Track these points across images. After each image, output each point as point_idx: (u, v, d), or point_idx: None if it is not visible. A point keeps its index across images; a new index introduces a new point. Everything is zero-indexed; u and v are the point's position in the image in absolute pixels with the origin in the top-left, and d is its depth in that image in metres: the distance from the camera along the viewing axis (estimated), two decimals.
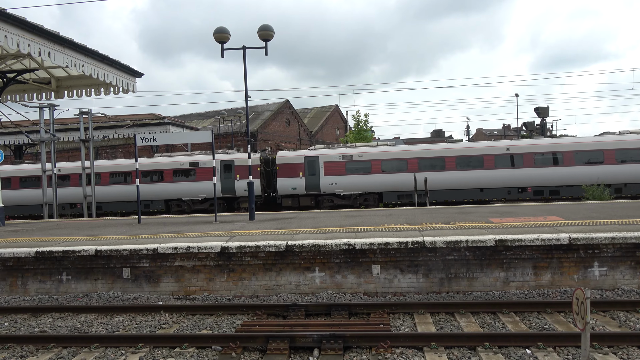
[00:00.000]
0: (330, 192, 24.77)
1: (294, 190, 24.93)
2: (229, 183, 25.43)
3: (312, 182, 24.81)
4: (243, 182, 24.90)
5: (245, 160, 25.24)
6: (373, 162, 24.39)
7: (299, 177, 24.87)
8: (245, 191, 24.90)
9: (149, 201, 25.84)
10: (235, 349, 6.12)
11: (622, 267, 8.47)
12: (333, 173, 24.63)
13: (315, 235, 9.66)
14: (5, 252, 9.68)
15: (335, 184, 24.61)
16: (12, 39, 11.90)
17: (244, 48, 14.14)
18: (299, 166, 25.00)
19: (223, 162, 25.56)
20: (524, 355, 5.75)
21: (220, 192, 25.22)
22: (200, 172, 25.60)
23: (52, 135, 23.46)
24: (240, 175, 25.23)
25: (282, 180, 25.11)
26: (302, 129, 53.83)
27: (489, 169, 23.56)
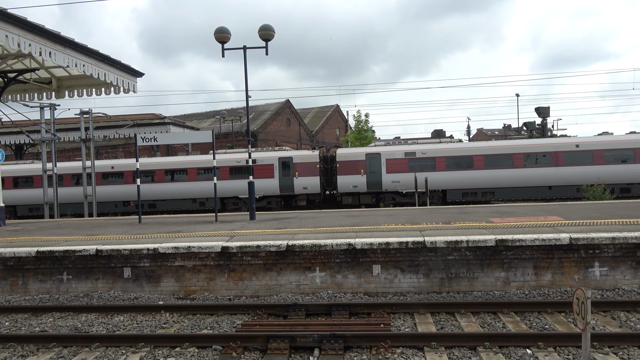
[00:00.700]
0: (393, 190, 24.37)
1: (355, 188, 24.51)
2: (288, 180, 25.09)
3: (373, 180, 24.34)
4: (302, 179, 24.88)
5: (305, 157, 25.29)
6: (437, 159, 23.95)
7: (360, 175, 24.43)
8: (304, 189, 24.85)
9: (205, 199, 25.49)
10: (235, 348, 6.12)
11: (623, 267, 8.47)
12: (395, 170, 24.18)
13: (316, 235, 9.66)
14: (6, 251, 9.68)
15: (398, 182, 24.16)
16: (13, 38, 11.91)
17: (245, 48, 14.15)
18: (360, 163, 24.51)
19: (281, 159, 25.22)
20: (525, 355, 5.75)
21: (278, 190, 25.03)
22: (258, 169, 24.98)
23: (53, 135, 23.48)
24: (299, 173, 24.97)
25: (342, 178, 24.69)
26: (303, 128, 53.85)
27: (558, 166, 23.08)
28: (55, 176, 23.27)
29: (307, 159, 25.25)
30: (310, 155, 25.62)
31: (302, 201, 25.17)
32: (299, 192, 25.10)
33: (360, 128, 39.10)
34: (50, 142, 23.70)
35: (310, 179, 24.92)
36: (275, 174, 25.08)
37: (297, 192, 25.12)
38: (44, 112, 23.15)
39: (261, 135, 44.69)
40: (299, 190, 25.06)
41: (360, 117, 39.12)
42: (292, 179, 25.05)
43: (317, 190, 24.90)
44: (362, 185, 24.43)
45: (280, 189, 25.09)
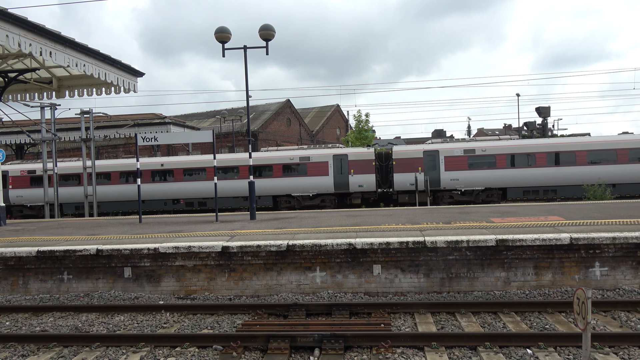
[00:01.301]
0: (451, 188, 23.98)
1: (412, 186, 24.02)
2: (343, 178, 24.62)
3: (431, 178, 23.83)
4: (358, 177, 24.43)
5: (360, 154, 24.83)
6: (498, 156, 23.56)
7: (417, 173, 23.95)
8: (359, 186, 24.42)
9: (257, 197, 24.79)
10: (236, 348, 6.12)
11: (623, 267, 8.46)
12: (454, 168, 23.74)
13: (316, 235, 9.67)
14: (6, 251, 9.69)
15: (457, 180, 23.75)
16: (14, 38, 11.92)
17: (245, 48, 14.15)
18: (417, 161, 24.09)
19: (336, 156, 24.78)
20: (525, 355, 5.75)
21: (333, 188, 24.61)
22: (312, 166, 24.80)
23: (54, 134, 23.49)
24: (354, 170, 24.46)
25: (399, 176, 24.19)
26: (303, 128, 53.87)
27: (622, 164, 22.62)
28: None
29: (363, 156, 24.75)
30: (366, 152, 25.11)
31: (356, 199, 24.72)
32: (354, 190, 24.59)
33: (361, 128, 39.11)
34: (50, 141, 23.72)
35: (365, 177, 24.47)
36: (329, 171, 24.65)
37: (352, 190, 24.62)
38: (44, 112, 23.16)
39: (262, 135, 44.71)
40: (354, 188, 24.57)
41: (361, 116, 39.14)
42: (347, 177, 24.53)
43: (373, 188, 24.47)
44: (419, 183, 23.91)
45: (335, 187, 24.62)
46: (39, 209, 26.15)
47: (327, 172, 24.70)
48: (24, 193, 26.42)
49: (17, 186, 26.45)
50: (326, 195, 24.94)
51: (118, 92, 17.30)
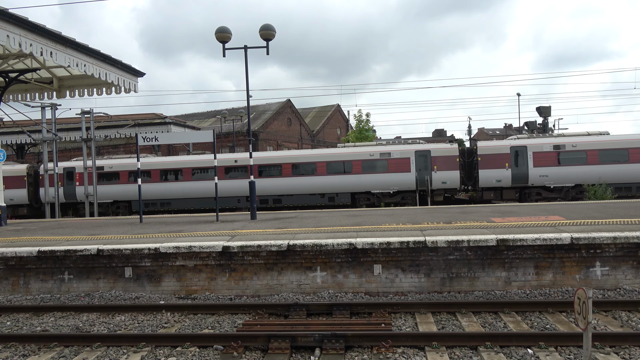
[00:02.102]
0: (540, 185, 23.35)
1: (498, 183, 23.46)
2: (425, 175, 23.98)
3: (519, 174, 23.27)
4: (441, 173, 23.86)
5: (444, 150, 24.24)
6: (589, 152, 22.97)
7: (504, 169, 23.29)
8: (443, 183, 23.94)
9: (334, 194, 24.58)
10: (236, 348, 6.12)
11: (624, 266, 8.46)
12: (543, 164, 23.08)
13: (317, 235, 9.66)
14: (7, 251, 9.70)
15: (546, 176, 23.13)
16: (14, 38, 11.93)
17: (246, 48, 14.15)
18: (504, 157, 23.41)
19: (418, 152, 24.16)
20: (526, 355, 5.74)
21: (414, 185, 24.00)
22: (393, 163, 24.15)
23: (54, 134, 23.52)
24: (437, 167, 23.89)
25: (484, 172, 23.54)
26: (304, 128, 53.85)
27: None
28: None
29: (447, 152, 24.15)
30: (450, 148, 24.56)
31: (438, 196, 24.18)
32: (436, 187, 23.95)
33: (361, 128, 39.12)
34: (51, 141, 23.73)
35: (449, 173, 23.83)
36: (411, 168, 24.00)
37: (435, 187, 23.98)
38: (45, 112, 23.20)
39: (262, 135, 44.70)
40: (437, 185, 23.93)
41: (361, 116, 39.14)
42: (430, 173, 23.87)
43: (457, 185, 23.95)
44: (506, 180, 23.32)
45: (417, 184, 23.97)
46: (106, 206, 25.89)
47: (409, 169, 24.05)
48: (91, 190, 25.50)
49: (10, 187, 25.84)
50: (407, 193, 24.32)
51: (118, 92, 17.32)
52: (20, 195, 26.61)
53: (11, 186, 25.46)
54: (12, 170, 26.20)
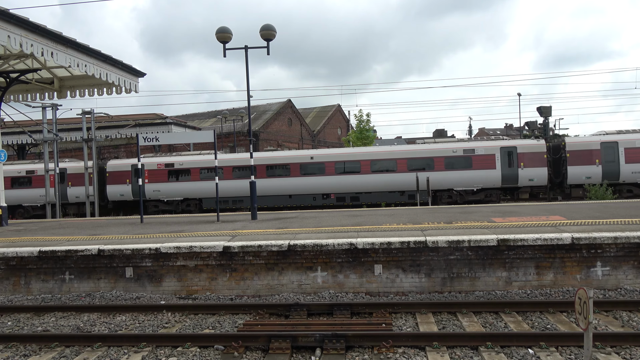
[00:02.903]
0: (632, 182, 22.83)
1: (588, 180, 22.85)
2: (511, 171, 23.41)
3: (610, 170, 22.75)
4: (528, 170, 23.29)
5: (531, 147, 23.68)
6: None
7: (594, 165, 22.78)
8: (530, 180, 23.47)
9: (415, 191, 23.81)
10: (237, 348, 6.12)
11: (625, 266, 8.45)
12: (636, 160, 22.50)
13: (318, 235, 9.66)
14: (8, 251, 9.71)
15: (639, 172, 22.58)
16: (15, 39, 11.95)
17: (246, 48, 14.15)
18: (594, 153, 22.91)
19: (504, 148, 23.57)
20: (527, 355, 5.74)
21: (500, 182, 23.45)
22: (477, 159, 23.58)
23: (55, 135, 23.53)
24: (524, 164, 23.29)
25: (573, 169, 23.02)
26: (304, 128, 53.86)
27: None
28: None
29: (534, 148, 23.54)
30: (537, 144, 23.94)
31: (524, 194, 23.65)
32: (523, 184, 23.44)
33: (362, 128, 39.10)
34: (52, 142, 23.76)
35: (536, 170, 23.24)
36: (496, 164, 23.40)
37: (521, 184, 23.45)
38: (46, 112, 23.23)
39: (263, 135, 44.72)
40: (523, 182, 23.38)
41: (362, 116, 39.11)
42: (517, 170, 23.27)
43: (544, 182, 23.32)
44: (596, 177, 22.74)
45: (503, 181, 23.36)
46: (176, 204, 25.47)
47: (494, 165, 23.46)
48: (162, 187, 25.36)
49: (154, 180, 25.38)
50: (492, 190, 23.81)
51: (119, 93, 17.35)
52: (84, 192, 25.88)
53: (77, 183, 25.31)
54: (80, 167, 25.89)
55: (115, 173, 25.96)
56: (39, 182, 25.28)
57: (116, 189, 25.80)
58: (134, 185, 25.46)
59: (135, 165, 25.39)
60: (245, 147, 41.47)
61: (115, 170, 25.99)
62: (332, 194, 24.47)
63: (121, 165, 26.33)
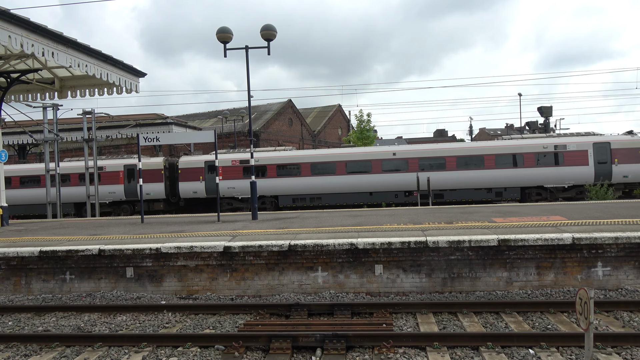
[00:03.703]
0: None
1: None
2: (605, 168, 22.88)
3: None
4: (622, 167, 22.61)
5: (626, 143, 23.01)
6: None
7: None
8: (624, 177, 22.87)
9: (502, 188, 23.37)
10: (238, 348, 6.12)
11: (626, 267, 8.44)
12: None
13: (318, 235, 9.66)
14: (9, 251, 9.71)
15: None
16: (16, 39, 11.95)
17: (247, 48, 14.15)
18: None
19: (597, 144, 23.01)
20: (527, 355, 5.74)
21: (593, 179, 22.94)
22: (569, 156, 23.03)
23: (56, 135, 23.54)
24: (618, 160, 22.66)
25: None
26: (305, 128, 53.86)
27: None
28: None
29: (629, 144, 22.85)
30: (633, 140, 23.20)
31: (617, 191, 22.88)
32: (617, 180, 22.76)
33: (363, 128, 39.11)
34: (53, 142, 23.77)
35: (631, 167, 22.59)
36: (589, 160, 22.83)
37: (615, 181, 22.80)
38: (46, 112, 23.23)
39: (263, 135, 44.73)
40: (617, 179, 22.73)
41: (363, 117, 39.12)
42: (610, 167, 22.59)
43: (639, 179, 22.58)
44: None
45: (596, 178, 22.69)
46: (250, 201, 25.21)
47: (587, 162, 22.88)
48: (236, 184, 25.13)
49: (228, 177, 25.15)
50: (584, 187, 23.06)
51: (120, 93, 17.36)
52: (157, 189, 25.93)
53: (148, 180, 25.01)
54: (149, 164, 25.73)
55: (188, 170, 25.54)
56: (109, 178, 25.25)
57: (189, 186, 25.45)
58: (207, 182, 25.13)
59: (209, 161, 25.24)
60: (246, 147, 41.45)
61: (187, 167, 25.62)
62: (414, 191, 23.77)
63: (194, 162, 25.97)
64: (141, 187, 14.91)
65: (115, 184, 26.26)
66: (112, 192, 26.12)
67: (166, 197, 26.33)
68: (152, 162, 26.36)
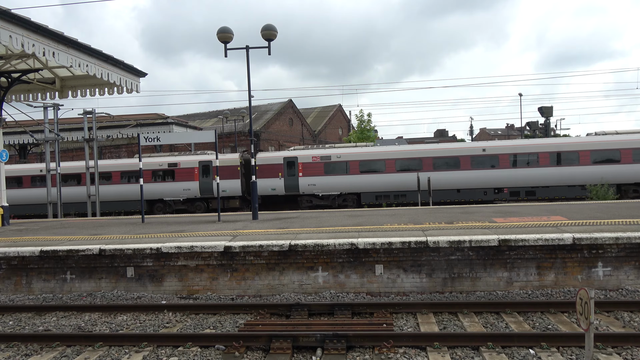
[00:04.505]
0: None
1: None
2: None
3: None
4: None
5: None
6: None
7: None
8: None
9: (603, 185, 22.42)
10: (238, 348, 6.13)
11: (627, 267, 8.44)
12: None
13: (319, 235, 9.67)
14: (10, 251, 9.72)
15: None
16: (17, 39, 11.96)
17: (247, 48, 14.15)
18: None
19: None
20: (528, 355, 5.73)
21: None
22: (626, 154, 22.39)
23: (57, 135, 23.56)
24: None
25: None
26: (305, 128, 53.86)
27: None
28: None
29: None
30: None
31: None
32: None
33: (363, 128, 39.12)
34: (53, 142, 23.78)
35: None
36: None
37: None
38: (47, 112, 23.25)
39: (264, 135, 44.74)
40: None
41: (363, 116, 39.14)
42: None
43: None
44: None
45: None
46: (332, 199, 24.73)
47: None
48: (317, 181, 24.60)
49: (308, 174, 24.64)
50: None
51: (121, 93, 17.37)
52: (234, 186, 25.31)
53: (224, 177, 24.20)
54: (225, 160, 25.28)
55: (266, 166, 24.99)
56: (183, 175, 24.83)
57: (267, 183, 24.78)
58: (287, 179, 24.65)
59: (289, 157, 24.79)
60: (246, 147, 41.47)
61: (265, 163, 25.09)
62: (505, 188, 23.34)
63: (272, 158, 25.47)
64: (142, 187, 14.89)
65: (190, 181, 25.57)
66: (187, 189, 25.45)
67: (242, 194, 25.63)
68: (228, 158, 25.78)
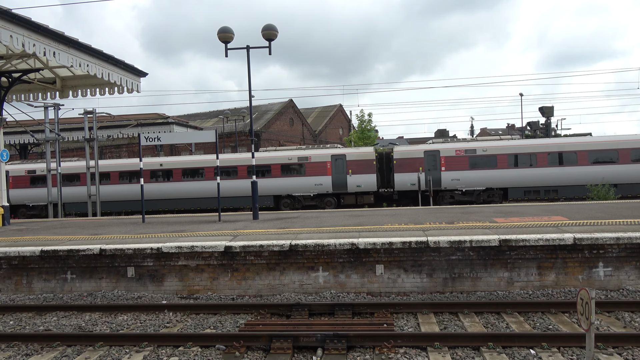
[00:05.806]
0: None
1: None
2: None
3: None
4: None
5: None
6: None
7: None
8: None
9: None
10: (238, 348, 6.12)
11: (627, 267, 8.43)
12: None
13: (319, 235, 9.66)
14: (10, 250, 9.73)
15: None
16: (18, 39, 11.97)
17: (248, 48, 14.14)
18: None
19: None
20: (528, 355, 5.73)
21: None
22: None
23: (57, 134, 23.57)
24: None
25: None
26: (306, 128, 53.87)
27: None
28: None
29: None
30: None
31: None
32: None
33: (364, 128, 39.12)
34: (54, 141, 23.80)
35: None
36: None
37: None
38: (48, 112, 23.26)
39: (264, 135, 44.76)
40: None
41: (364, 116, 39.13)
42: None
43: None
44: None
45: None
46: (477, 194, 24.01)
47: None
48: (461, 176, 23.90)
49: (451, 168, 23.89)
50: None
51: (121, 92, 17.38)
52: (369, 181, 24.56)
53: (358, 171, 24.18)
54: (360, 154, 24.76)
55: (405, 160, 24.23)
56: (315, 169, 24.39)
57: (406, 178, 23.99)
58: (427, 174, 23.88)
59: (430, 151, 24.05)
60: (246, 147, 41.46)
61: (404, 157, 24.33)
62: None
63: (412, 152, 24.71)
64: (142, 188, 14.88)
65: (322, 175, 24.73)
66: (319, 183, 24.69)
67: (377, 189, 24.84)
68: (362, 151, 25.15)
